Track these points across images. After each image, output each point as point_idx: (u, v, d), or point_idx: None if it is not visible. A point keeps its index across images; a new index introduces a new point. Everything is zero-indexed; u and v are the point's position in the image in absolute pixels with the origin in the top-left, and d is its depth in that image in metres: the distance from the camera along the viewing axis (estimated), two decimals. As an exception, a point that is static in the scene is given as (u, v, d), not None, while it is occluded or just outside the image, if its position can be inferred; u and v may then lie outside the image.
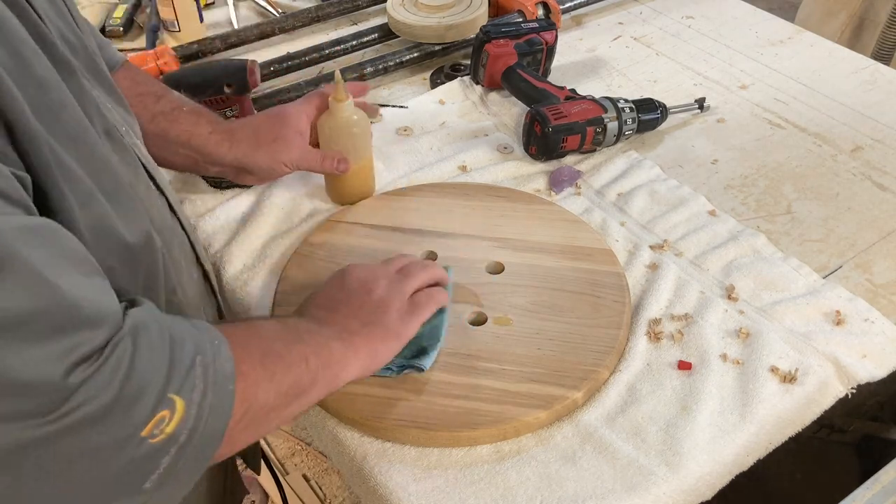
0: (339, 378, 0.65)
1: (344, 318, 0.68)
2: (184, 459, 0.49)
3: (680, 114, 1.08)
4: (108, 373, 0.45)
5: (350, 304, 0.70)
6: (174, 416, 0.48)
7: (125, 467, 0.47)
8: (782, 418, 0.72)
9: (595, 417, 0.71)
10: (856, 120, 1.08)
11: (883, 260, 0.87)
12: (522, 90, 1.07)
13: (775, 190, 0.97)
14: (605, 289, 0.81)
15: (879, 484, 0.67)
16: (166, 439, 0.48)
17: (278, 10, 1.35)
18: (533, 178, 0.99)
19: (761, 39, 1.27)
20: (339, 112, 0.88)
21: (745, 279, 0.84)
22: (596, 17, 1.35)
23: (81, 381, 0.44)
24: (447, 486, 0.67)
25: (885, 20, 1.68)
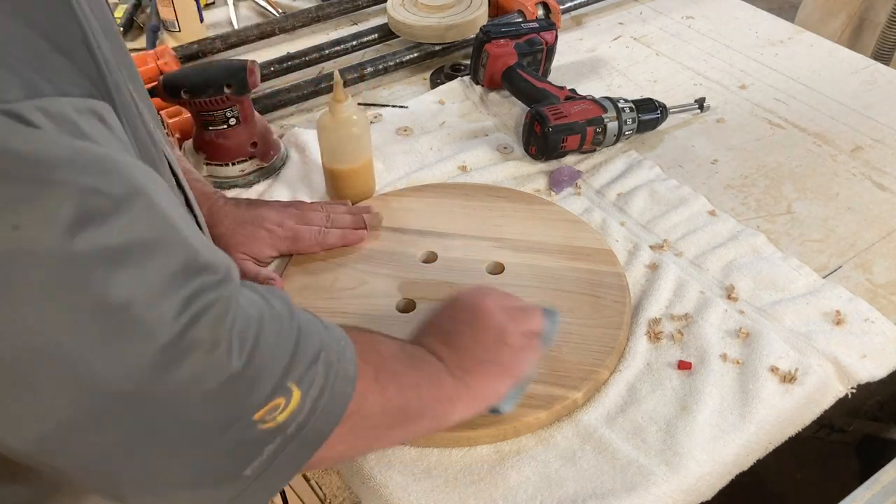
0: (447, 415, 0.62)
1: (460, 354, 0.64)
2: (285, 453, 0.48)
3: (680, 114, 1.08)
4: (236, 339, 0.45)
5: (466, 337, 0.65)
6: (289, 405, 0.47)
7: (231, 448, 0.46)
8: (782, 418, 0.72)
9: (595, 417, 0.71)
10: (856, 120, 1.08)
11: (883, 260, 0.87)
12: (522, 90, 1.07)
13: (775, 190, 0.97)
14: (606, 289, 0.81)
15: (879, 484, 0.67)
16: (276, 427, 0.47)
17: (278, 10, 1.35)
18: (533, 178, 0.99)
19: (761, 39, 1.27)
20: (339, 112, 0.88)
21: (745, 279, 0.84)
22: (596, 17, 1.35)
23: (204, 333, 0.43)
24: (447, 486, 0.67)
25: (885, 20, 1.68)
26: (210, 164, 0.98)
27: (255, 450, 0.47)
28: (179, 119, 1.03)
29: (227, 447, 0.46)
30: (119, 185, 0.40)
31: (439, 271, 0.84)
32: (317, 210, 0.88)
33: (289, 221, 0.85)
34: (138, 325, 0.40)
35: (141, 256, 0.41)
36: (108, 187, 0.40)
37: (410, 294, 0.81)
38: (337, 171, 0.92)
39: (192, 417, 0.44)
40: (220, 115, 0.94)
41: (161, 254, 0.42)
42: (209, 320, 0.43)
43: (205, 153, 0.97)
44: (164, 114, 1.05)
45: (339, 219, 0.87)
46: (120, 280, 0.40)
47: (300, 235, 0.85)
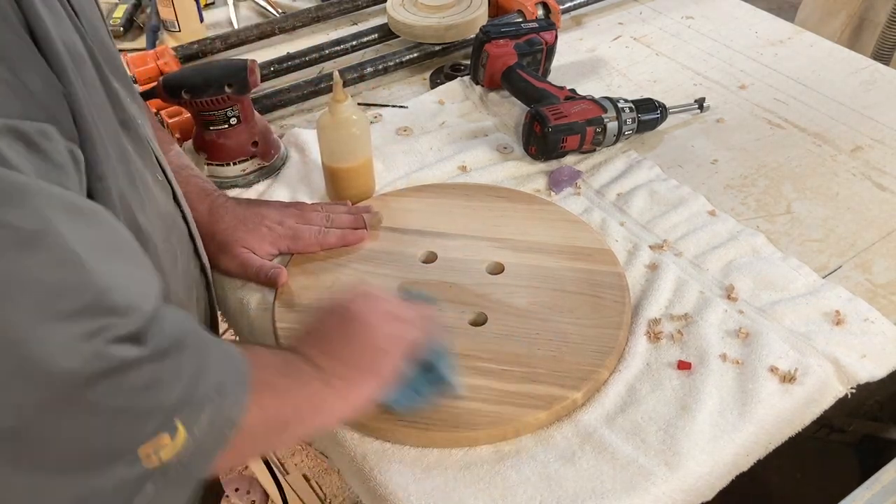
0: (324, 420, 0.64)
1: (331, 359, 0.63)
2: (168, 485, 0.48)
3: (680, 114, 1.08)
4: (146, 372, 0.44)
5: (337, 343, 0.65)
6: (174, 443, 0.47)
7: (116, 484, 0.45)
8: (782, 418, 0.72)
9: (595, 417, 0.71)
10: (856, 120, 1.08)
11: (883, 260, 0.87)
12: (522, 90, 1.07)
13: (775, 190, 0.97)
14: (606, 289, 0.81)
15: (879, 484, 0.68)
16: (159, 466, 0.46)
17: (278, 10, 1.35)
18: (533, 178, 0.99)
19: (761, 39, 1.27)
20: (339, 112, 0.88)
21: (745, 279, 0.84)
22: (596, 17, 1.35)
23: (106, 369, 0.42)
24: (447, 486, 0.67)
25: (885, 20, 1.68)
26: (211, 164, 0.98)
27: (137, 486, 0.46)
28: (179, 119, 1.03)
29: (113, 483, 0.45)
30: (32, 220, 0.39)
31: (439, 271, 0.84)
32: (317, 210, 0.88)
33: (289, 220, 0.86)
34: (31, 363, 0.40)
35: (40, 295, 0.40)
36: (20, 222, 0.39)
37: (410, 294, 0.81)
38: (337, 170, 0.92)
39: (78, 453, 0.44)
40: (221, 115, 0.94)
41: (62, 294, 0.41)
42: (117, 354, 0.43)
43: (206, 153, 0.97)
44: (164, 114, 1.05)
45: (338, 219, 0.88)
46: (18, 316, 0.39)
47: (300, 234, 0.85)
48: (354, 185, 0.94)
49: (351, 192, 0.94)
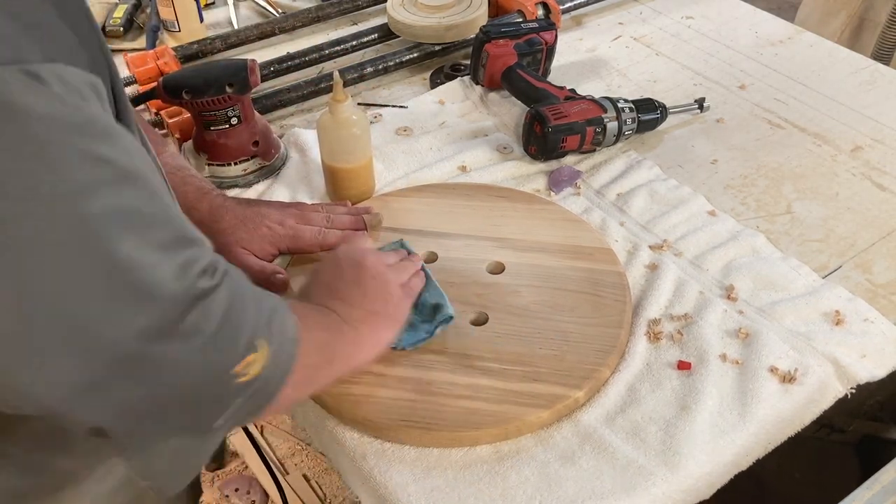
0: (351, 363, 0.68)
1: (351, 307, 0.69)
2: (249, 404, 0.52)
3: (680, 114, 1.08)
4: (221, 299, 0.48)
5: (356, 290, 0.71)
6: (259, 359, 0.50)
7: (209, 402, 0.49)
8: (782, 418, 0.72)
9: (594, 417, 0.71)
10: (855, 120, 1.08)
11: (883, 260, 0.87)
12: (522, 90, 1.07)
13: (775, 190, 0.97)
14: (606, 288, 0.81)
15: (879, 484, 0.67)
16: (249, 381, 0.50)
17: (278, 10, 1.35)
18: (533, 178, 0.99)
19: (761, 39, 1.27)
20: (339, 112, 0.88)
21: (745, 279, 0.84)
22: (596, 17, 1.35)
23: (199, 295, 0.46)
24: (447, 486, 0.67)
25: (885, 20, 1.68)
26: (212, 164, 0.98)
27: (229, 402, 0.50)
28: (179, 119, 1.03)
29: (208, 401, 0.50)
30: (125, 157, 0.42)
31: (440, 271, 0.84)
32: (317, 211, 0.88)
33: (289, 220, 0.86)
34: (142, 287, 0.43)
35: (142, 224, 0.43)
36: (116, 158, 0.41)
37: (410, 294, 0.81)
38: (337, 170, 0.92)
39: (185, 375, 0.47)
40: (222, 115, 0.94)
41: (159, 224, 0.44)
42: (202, 284, 0.46)
43: (207, 153, 0.97)
44: (164, 114, 1.05)
45: (339, 220, 0.88)
46: (127, 243, 0.42)
47: (300, 235, 0.85)
48: (354, 185, 0.94)
49: (351, 192, 0.94)
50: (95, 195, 0.40)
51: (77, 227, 0.40)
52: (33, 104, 0.37)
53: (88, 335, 0.42)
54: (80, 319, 0.41)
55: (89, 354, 0.42)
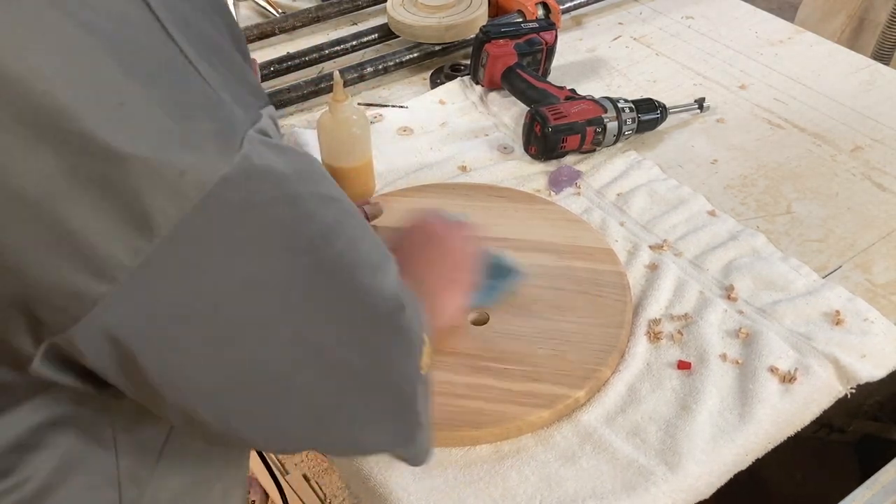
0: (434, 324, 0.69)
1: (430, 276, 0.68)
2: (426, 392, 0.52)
3: (680, 114, 1.08)
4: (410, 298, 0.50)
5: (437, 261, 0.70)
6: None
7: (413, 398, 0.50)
8: (782, 418, 0.72)
9: (595, 417, 0.71)
10: (855, 120, 1.08)
11: (883, 260, 0.88)
12: (522, 90, 1.07)
13: (775, 190, 0.97)
14: (607, 288, 0.81)
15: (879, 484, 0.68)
16: (426, 373, 0.51)
17: (278, 10, 1.35)
18: (533, 178, 0.99)
19: (761, 39, 1.27)
20: (339, 112, 0.88)
21: (745, 279, 0.84)
22: (596, 17, 1.35)
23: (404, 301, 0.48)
24: (447, 485, 0.67)
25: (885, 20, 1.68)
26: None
27: (424, 396, 0.51)
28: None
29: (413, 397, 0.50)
30: (335, 190, 0.43)
31: (439, 271, 0.84)
32: None
33: None
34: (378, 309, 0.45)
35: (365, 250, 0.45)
36: (337, 194, 0.43)
37: (410, 294, 0.81)
38: (337, 170, 0.92)
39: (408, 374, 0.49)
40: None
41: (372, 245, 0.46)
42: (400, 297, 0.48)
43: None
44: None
45: None
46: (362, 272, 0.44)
47: None
48: (354, 185, 0.94)
49: (351, 192, 0.94)
50: (337, 235, 0.41)
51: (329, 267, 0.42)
52: (279, 166, 0.38)
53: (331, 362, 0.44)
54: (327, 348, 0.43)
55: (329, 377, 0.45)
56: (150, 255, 0.34)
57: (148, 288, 0.35)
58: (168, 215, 0.34)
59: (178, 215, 0.34)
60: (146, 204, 0.33)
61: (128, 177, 0.33)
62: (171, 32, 0.35)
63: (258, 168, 0.37)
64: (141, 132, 0.33)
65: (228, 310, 0.38)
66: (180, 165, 0.34)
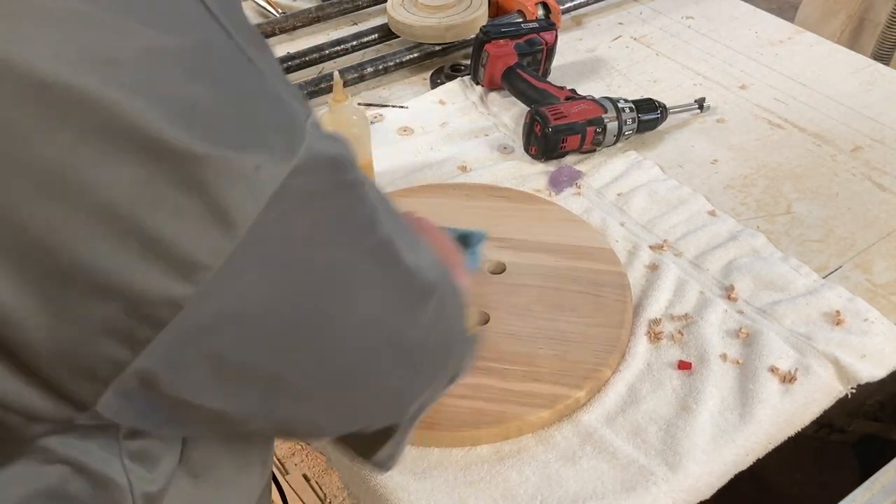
0: None
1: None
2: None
3: (680, 114, 1.08)
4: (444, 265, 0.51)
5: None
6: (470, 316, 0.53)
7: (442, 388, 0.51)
8: (782, 418, 0.72)
9: (595, 417, 0.71)
10: (855, 120, 1.08)
11: (883, 260, 0.88)
12: (522, 90, 1.07)
13: (775, 190, 0.97)
14: (607, 288, 0.81)
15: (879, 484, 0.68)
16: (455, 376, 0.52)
17: (278, 10, 1.35)
18: (533, 178, 0.99)
19: (761, 39, 1.27)
20: (339, 112, 0.88)
21: (745, 279, 0.84)
22: (596, 17, 1.35)
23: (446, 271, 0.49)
24: (447, 485, 0.67)
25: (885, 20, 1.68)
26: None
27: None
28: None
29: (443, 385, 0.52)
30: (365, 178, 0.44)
31: (439, 271, 0.84)
32: None
33: None
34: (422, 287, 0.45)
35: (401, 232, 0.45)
36: (366, 181, 0.43)
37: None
38: (337, 171, 0.92)
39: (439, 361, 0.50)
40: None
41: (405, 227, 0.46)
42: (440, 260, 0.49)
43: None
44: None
45: None
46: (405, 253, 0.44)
47: None
48: (355, 184, 0.93)
49: (351, 191, 0.94)
50: (379, 221, 0.42)
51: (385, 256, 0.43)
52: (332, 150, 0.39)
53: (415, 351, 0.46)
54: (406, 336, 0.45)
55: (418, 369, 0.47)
56: (233, 252, 0.34)
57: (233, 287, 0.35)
58: (247, 211, 0.34)
59: (255, 210, 0.34)
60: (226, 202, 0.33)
61: (206, 176, 0.33)
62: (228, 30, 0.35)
63: (322, 156, 0.37)
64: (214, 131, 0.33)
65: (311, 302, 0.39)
66: (255, 161, 0.34)
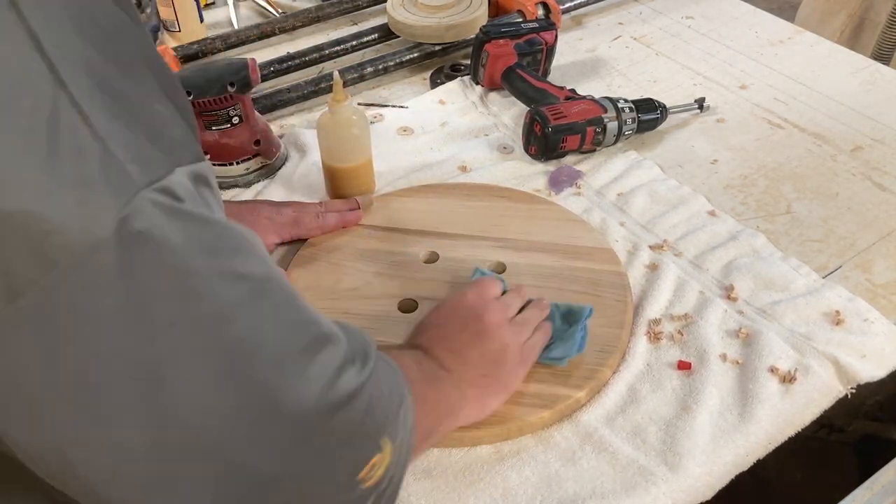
0: (452, 427, 0.66)
1: (463, 365, 0.66)
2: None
3: (680, 114, 1.09)
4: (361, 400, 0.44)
5: (472, 349, 0.67)
6: (384, 460, 0.46)
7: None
8: (782, 418, 0.72)
9: (595, 417, 0.71)
10: (856, 120, 1.08)
11: (883, 260, 0.88)
12: (522, 90, 1.07)
13: (775, 190, 0.97)
14: (607, 288, 0.81)
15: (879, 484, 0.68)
16: (374, 485, 0.46)
17: (278, 10, 1.35)
18: (533, 178, 0.99)
19: (761, 39, 1.27)
20: (339, 112, 0.88)
21: (745, 279, 0.84)
22: (596, 17, 1.35)
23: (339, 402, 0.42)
24: (447, 486, 0.67)
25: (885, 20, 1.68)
26: (214, 164, 0.98)
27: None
28: (180, 119, 1.03)
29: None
30: (258, 266, 0.40)
31: (441, 271, 0.84)
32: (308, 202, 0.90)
33: (286, 209, 0.88)
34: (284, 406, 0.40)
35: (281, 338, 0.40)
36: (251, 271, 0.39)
37: (412, 294, 0.81)
38: (337, 170, 0.92)
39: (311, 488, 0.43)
40: (224, 114, 0.94)
41: (296, 333, 0.41)
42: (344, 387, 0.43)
43: (208, 153, 0.97)
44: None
45: (331, 204, 0.90)
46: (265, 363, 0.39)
47: (300, 220, 0.87)
48: (354, 184, 0.94)
49: (351, 192, 0.94)
50: (235, 318, 0.38)
51: (219, 354, 0.38)
52: (169, 233, 0.34)
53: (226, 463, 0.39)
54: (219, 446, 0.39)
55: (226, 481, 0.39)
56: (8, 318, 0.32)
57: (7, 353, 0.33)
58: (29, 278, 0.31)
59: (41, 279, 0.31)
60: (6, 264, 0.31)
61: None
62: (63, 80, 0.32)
63: (139, 234, 0.33)
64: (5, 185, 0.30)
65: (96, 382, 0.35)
66: (45, 225, 0.31)
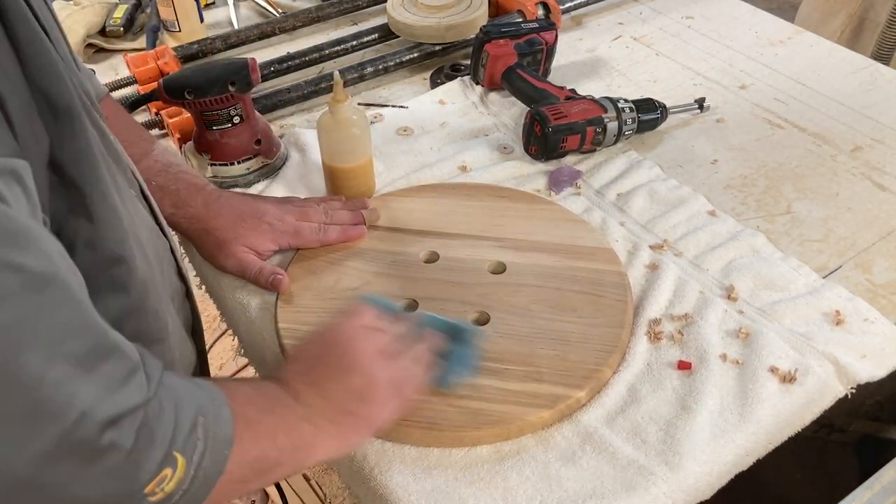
0: (305, 461, 0.61)
1: (322, 399, 0.62)
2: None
3: (680, 114, 1.09)
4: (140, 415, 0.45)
5: (334, 383, 0.63)
6: (175, 474, 0.47)
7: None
8: (782, 418, 0.72)
9: (595, 417, 0.71)
10: (856, 120, 1.08)
11: (883, 260, 0.88)
12: (522, 90, 1.07)
13: (775, 190, 0.97)
14: (607, 288, 0.81)
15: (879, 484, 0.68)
16: (164, 498, 0.47)
17: (278, 10, 1.35)
18: (533, 178, 0.99)
19: (761, 39, 1.27)
20: (339, 112, 0.88)
21: (745, 279, 0.84)
22: (596, 17, 1.35)
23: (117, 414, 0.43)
24: (447, 486, 0.67)
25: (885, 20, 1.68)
26: (215, 164, 0.98)
27: None
28: (179, 119, 1.03)
29: None
30: (39, 262, 0.39)
31: (441, 271, 0.84)
32: (315, 206, 0.88)
33: (289, 217, 0.86)
34: (48, 406, 0.39)
35: (53, 337, 0.40)
36: (29, 264, 0.39)
37: (412, 294, 0.81)
38: (337, 170, 0.92)
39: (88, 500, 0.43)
40: (225, 114, 0.94)
41: (74, 335, 0.41)
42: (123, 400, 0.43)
43: (209, 153, 0.97)
44: (164, 114, 1.05)
45: (337, 215, 0.88)
46: (33, 358, 0.38)
47: (301, 231, 0.86)
48: (355, 185, 0.94)
49: (351, 192, 0.94)
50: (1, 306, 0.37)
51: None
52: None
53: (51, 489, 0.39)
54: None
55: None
56: None
57: None
58: None
59: None
60: None
61: None
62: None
63: None
64: None
65: None
66: None
